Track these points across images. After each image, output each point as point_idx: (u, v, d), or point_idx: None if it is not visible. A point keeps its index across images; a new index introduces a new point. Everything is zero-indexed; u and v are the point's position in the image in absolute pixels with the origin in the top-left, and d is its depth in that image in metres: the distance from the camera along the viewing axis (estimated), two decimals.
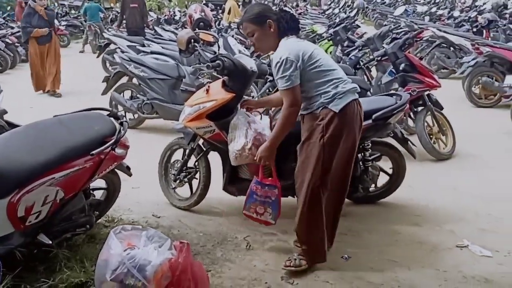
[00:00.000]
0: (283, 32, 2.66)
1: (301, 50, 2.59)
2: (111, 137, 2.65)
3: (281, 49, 2.60)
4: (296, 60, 2.55)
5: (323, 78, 2.63)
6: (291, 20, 2.67)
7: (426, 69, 4.85)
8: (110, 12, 19.70)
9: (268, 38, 2.68)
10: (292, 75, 2.54)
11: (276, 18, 2.65)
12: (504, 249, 3.05)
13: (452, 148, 4.81)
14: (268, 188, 2.89)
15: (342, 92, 2.62)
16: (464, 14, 12.12)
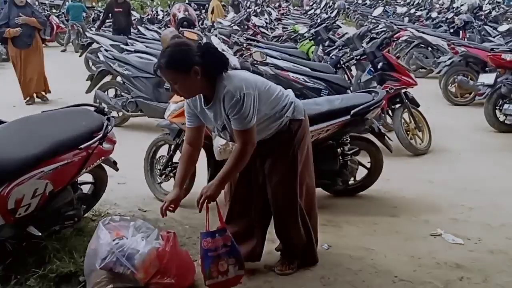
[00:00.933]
0: (213, 73, 2.32)
1: (250, 79, 2.40)
2: (99, 132, 2.74)
3: (234, 84, 2.30)
4: (253, 92, 2.33)
5: (273, 95, 2.49)
6: (220, 57, 2.34)
7: (403, 67, 5.05)
8: (92, 11, 19.56)
9: (194, 84, 2.30)
10: (252, 112, 2.31)
11: (202, 61, 2.26)
12: (475, 237, 3.22)
13: (428, 143, 5.01)
14: (218, 235, 2.46)
15: (292, 99, 2.60)
16: (442, 15, 12.42)
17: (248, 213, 2.75)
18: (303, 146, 2.62)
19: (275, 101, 2.50)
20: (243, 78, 2.40)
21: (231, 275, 2.45)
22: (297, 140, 2.57)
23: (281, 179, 2.59)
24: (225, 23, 11.27)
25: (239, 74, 2.46)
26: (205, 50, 2.30)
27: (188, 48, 2.28)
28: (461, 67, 7.13)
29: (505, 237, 3.23)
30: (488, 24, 10.59)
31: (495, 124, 5.73)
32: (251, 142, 2.36)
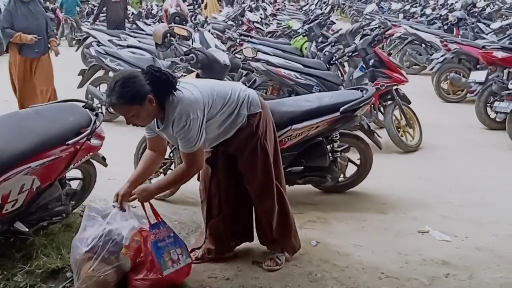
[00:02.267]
0: (163, 98, 2.28)
1: (199, 101, 2.33)
2: (87, 127, 2.73)
3: (180, 109, 2.27)
4: (200, 115, 2.31)
5: (224, 101, 2.46)
6: (163, 79, 2.26)
7: (394, 64, 5.06)
8: (86, 5, 19.43)
9: (150, 112, 2.29)
10: (198, 136, 2.31)
11: (152, 88, 2.23)
12: (462, 234, 3.24)
13: (419, 140, 5.03)
14: (162, 226, 2.53)
15: (245, 93, 2.57)
16: (436, 12, 12.45)
17: (229, 202, 2.75)
18: (269, 135, 2.62)
19: (228, 104, 2.48)
20: (192, 100, 2.31)
21: (182, 264, 2.50)
22: (261, 132, 2.57)
23: (258, 174, 2.61)
24: (220, 18, 11.26)
25: (187, 96, 2.31)
26: (151, 76, 2.25)
27: (137, 79, 2.22)
28: (453, 64, 7.16)
29: (492, 234, 3.25)
30: (481, 21, 10.63)
31: (486, 121, 5.76)
32: (196, 165, 2.41)
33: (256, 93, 2.66)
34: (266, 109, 2.66)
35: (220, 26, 9.40)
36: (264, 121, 2.60)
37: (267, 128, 2.61)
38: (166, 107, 2.30)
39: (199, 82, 2.65)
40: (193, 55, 3.26)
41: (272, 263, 2.78)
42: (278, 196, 2.70)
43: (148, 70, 2.27)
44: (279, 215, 2.73)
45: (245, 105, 2.54)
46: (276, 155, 2.71)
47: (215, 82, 2.66)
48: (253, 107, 2.57)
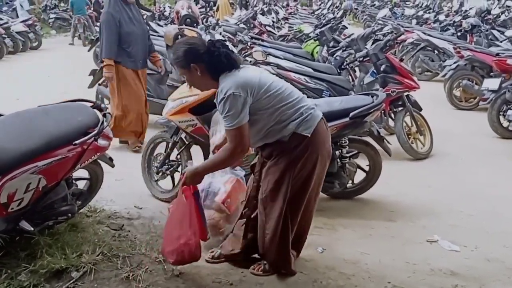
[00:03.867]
0: (215, 72, 2.38)
1: (247, 81, 2.35)
2: (94, 128, 2.73)
3: (225, 84, 2.33)
4: (244, 94, 2.31)
5: (280, 103, 2.41)
6: (223, 55, 2.36)
7: (405, 70, 5.00)
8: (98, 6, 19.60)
9: (198, 81, 2.44)
10: (239, 112, 2.30)
11: (203, 59, 2.36)
12: (472, 244, 3.18)
13: (430, 148, 4.96)
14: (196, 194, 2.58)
15: (307, 113, 2.46)
16: (450, 18, 12.33)
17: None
18: (303, 165, 2.45)
19: (282, 110, 2.41)
20: (238, 78, 2.36)
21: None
22: (295, 156, 2.44)
23: (268, 187, 2.52)
24: (232, 21, 11.26)
25: (239, 74, 2.38)
26: (206, 50, 2.37)
27: (188, 47, 2.39)
28: (466, 71, 7.06)
29: (502, 245, 3.19)
30: (496, 28, 10.48)
31: (498, 130, 5.67)
32: (240, 143, 2.34)
33: (320, 119, 2.50)
34: (315, 139, 2.46)
35: (232, 28, 9.39)
36: (306, 149, 2.44)
37: (305, 158, 2.45)
38: (219, 83, 2.37)
39: (268, 73, 2.58)
40: None
41: (258, 267, 2.73)
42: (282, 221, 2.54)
43: (208, 45, 2.40)
44: (273, 234, 2.58)
45: (298, 122, 2.43)
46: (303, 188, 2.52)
47: (288, 84, 2.55)
48: (302, 128, 2.43)
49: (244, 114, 2.32)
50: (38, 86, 7.93)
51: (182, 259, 2.56)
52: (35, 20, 13.03)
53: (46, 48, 12.85)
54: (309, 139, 2.44)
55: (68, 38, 14.66)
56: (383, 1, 23.73)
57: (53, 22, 16.59)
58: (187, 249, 2.49)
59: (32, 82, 8.29)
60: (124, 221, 3.31)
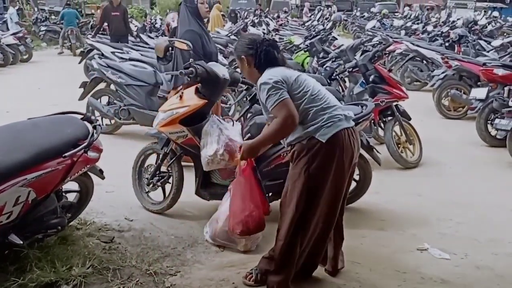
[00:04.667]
0: (262, 65, 2.60)
1: (286, 75, 2.51)
2: (84, 140, 2.72)
3: (264, 76, 2.53)
4: (282, 81, 2.47)
5: (308, 104, 2.49)
6: (264, 56, 2.59)
7: (394, 80, 5.07)
8: (91, 18, 19.65)
9: (248, 72, 2.70)
10: (280, 91, 2.43)
11: (252, 53, 2.61)
12: (461, 252, 3.21)
13: (419, 157, 5.01)
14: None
15: (331, 120, 2.48)
16: (437, 29, 12.51)
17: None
18: (319, 172, 2.47)
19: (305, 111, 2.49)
20: (278, 71, 2.55)
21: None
22: (308, 160, 2.47)
23: (289, 191, 2.57)
24: (223, 33, 11.33)
25: (279, 69, 2.58)
26: (257, 46, 2.62)
27: (243, 41, 2.73)
28: (454, 81, 7.16)
29: (491, 252, 3.22)
30: (482, 38, 10.67)
31: (486, 139, 5.75)
32: (289, 115, 2.41)
33: (342, 129, 2.49)
34: (333, 149, 2.47)
35: (223, 40, 9.45)
36: (323, 158, 2.46)
37: (316, 164, 2.47)
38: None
39: (306, 75, 2.68)
40: (193, 68, 3.26)
41: (249, 277, 2.73)
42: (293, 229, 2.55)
43: (260, 42, 2.64)
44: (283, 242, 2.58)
45: (318, 126, 2.47)
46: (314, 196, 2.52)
47: (325, 91, 2.64)
48: (320, 133, 2.46)
49: (284, 92, 2.45)
50: (29, 99, 7.88)
51: (247, 229, 2.81)
52: (25, 33, 13.01)
53: (36, 60, 12.81)
54: (323, 145, 2.45)
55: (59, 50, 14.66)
56: (372, 12, 24.04)
57: (44, 34, 16.58)
58: (251, 220, 2.71)
59: (23, 94, 8.25)
60: (115, 233, 3.30)
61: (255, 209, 2.78)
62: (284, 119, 2.41)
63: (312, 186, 2.50)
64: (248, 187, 2.77)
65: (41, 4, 23.75)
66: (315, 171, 2.47)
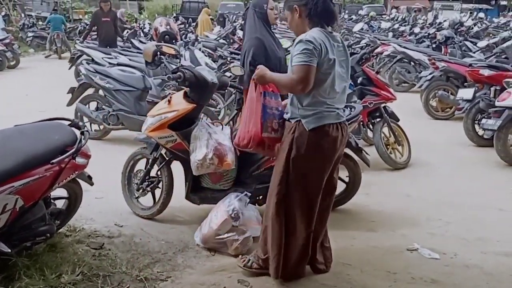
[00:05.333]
0: (312, 20, 2.57)
1: (327, 47, 2.49)
2: (72, 146, 2.70)
3: (310, 33, 2.50)
4: (320, 49, 2.45)
5: (319, 86, 2.51)
6: (321, 5, 2.55)
7: (382, 82, 5.11)
8: (78, 23, 19.55)
9: (296, 24, 2.63)
10: (313, 57, 2.43)
11: (304, 3, 2.57)
12: (451, 251, 3.24)
13: (408, 157, 5.05)
14: (275, 98, 2.74)
15: (322, 112, 2.54)
16: (424, 31, 12.63)
17: None
18: (299, 159, 2.57)
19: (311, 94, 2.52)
20: (325, 36, 2.51)
21: (279, 135, 2.71)
22: (293, 144, 2.57)
23: (274, 169, 2.72)
24: (211, 37, 11.34)
25: (321, 34, 2.52)
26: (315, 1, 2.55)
27: None
28: (441, 82, 7.24)
29: (480, 251, 3.25)
30: (469, 39, 10.80)
31: (474, 139, 5.81)
32: (303, 80, 2.43)
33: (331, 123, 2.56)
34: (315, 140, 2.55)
35: (212, 44, 9.45)
36: (305, 146, 2.54)
37: (302, 153, 2.56)
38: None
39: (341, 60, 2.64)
40: (180, 73, 3.26)
41: (243, 261, 2.91)
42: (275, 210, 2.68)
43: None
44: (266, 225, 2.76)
45: (308, 114, 2.54)
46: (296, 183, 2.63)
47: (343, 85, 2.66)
48: (306, 120, 2.54)
49: (315, 60, 2.44)
50: (16, 105, 7.81)
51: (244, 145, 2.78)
52: (12, 39, 12.92)
53: (24, 66, 12.71)
54: (308, 133, 2.53)
55: None
56: (360, 15, 24.20)
57: (31, 40, 16.50)
58: (248, 136, 2.72)
59: (10, 101, 8.17)
60: (105, 240, 3.28)
61: (254, 127, 2.74)
62: (299, 80, 2.45)
63: (292, 171, 2.60)
64: (254, 108, 2.73)
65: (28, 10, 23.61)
66: (296, 157, 2.57)
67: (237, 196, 3.23)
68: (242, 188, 3.34)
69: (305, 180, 2.62)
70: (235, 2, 29.76)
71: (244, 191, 3.26)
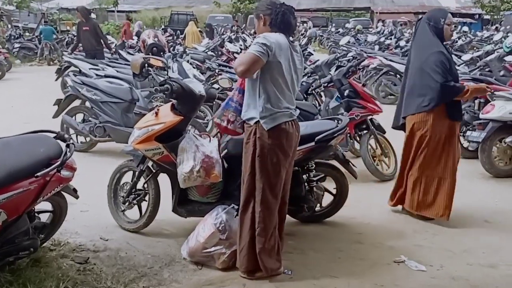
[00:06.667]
0: (274, 29, 2.87)
1: (282, 49, 2.80)
2: (57, 159, 2.68)
3: (270, 34, 2.83)
4: (274, 49, 2.74)
5: (273, 86, 2.81)
6: (281, 16, 2.86)
7: (368, 95, 5.16)
8: (66, 35, 19.49)
9: (261, 30, 2.91)
10: (265, 52, 2.71)
11: (269, 13, 2.88)
12: (437, 263, 3.25)
13: (394, 169, 5.07)
14: (241, 93, 3.02)
15: (277, 113, 2.83)
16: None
17: None
18: (264, 157, 2.84)
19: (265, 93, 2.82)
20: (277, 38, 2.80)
21: (232, 128, 3.05)
22: (256, 145, 2.85)
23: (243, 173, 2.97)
24: (200, 49, 11.37)
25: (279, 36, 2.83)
26: (274, 7, 2.88)
27: (264, 1, 2.94)
28: None
29: (466, 263, 3.27)
30: (453, 52, 10.95)
31: None
32: (243, 64, 2.72)
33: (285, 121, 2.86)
34: (275, 137, 2.84)
35: (200, 56, 9.48)
36: (267, 145, 2.83)
37: (266, 152, 2.84)
38: None
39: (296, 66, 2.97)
40: (168, 85, 3.26)
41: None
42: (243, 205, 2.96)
43: (278, 4, 2.89)
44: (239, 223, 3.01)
45: (265, 114, 2.82)
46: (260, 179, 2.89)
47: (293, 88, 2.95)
48: (265, 121, 2.82)
49: (265, 53, 2.71)
50: (0, 117, 7.72)
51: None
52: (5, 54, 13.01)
53: (10, 78, 12.59)
54: (268, 132, 2.82)
55: (33, 67, 14.62)
56: (347, 28, 24.53)
57: (18, 51, 16.44)
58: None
59: None
60: (90, 254, 3.24)
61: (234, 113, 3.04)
62: (242, 64, 2.73)
63: (258, 170, 2.86)
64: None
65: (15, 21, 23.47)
66: (261, 156, 2.84)
67: (224, 208, 3.21)
68: (229, 200, 3.33)
69: (269, 175, 2.88)
70: (224, 15, 30.01)
71: (231, 204, 3.25)
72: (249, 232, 2.93)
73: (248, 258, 2.94)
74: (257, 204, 2.90)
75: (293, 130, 2.92)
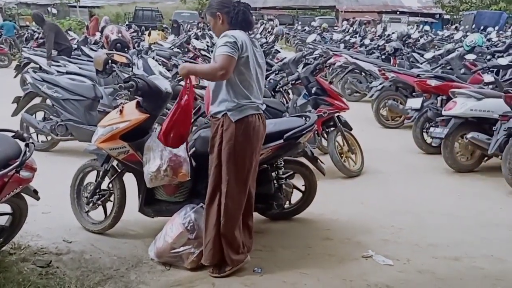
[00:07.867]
0: (233, 25, 2.86)
1: (247, 46, 2.80)
2: (16, 159, 2.57)
3: (233, 31, 2.81)
4: (241, 46, 2.75)
5: (241, 81, 2.83)
6: (241, 15, 2.86)
7: (335, 92, 5.21)
8: (25, 30, 18.83)
9: (219, 29, 2.89)
10: (235, 50, 2.72)
11: (226, 11, 2.87)
12: (404, 257, 3.31)
13: (361, 166, 5.15)
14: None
15: (243, 105, 2.84)
16: (374, 42, 13.05)
17: None
18: (230, 149, 2.85)
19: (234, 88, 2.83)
20: (240, 35, 2.79)
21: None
22: (223, 137, 2.86)
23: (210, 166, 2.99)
24: (166, 45, 11.18)
25: (241, 33, 2.83)
26: (231, 5, 2.88)
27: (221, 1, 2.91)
28: (391, 92, 7.48)
29: (432, 256, 3.34)
30: (416, 51, 11.24)
31: (422, 146, 6.02)
32: (223, 68, 2.69)
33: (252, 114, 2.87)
34: (242, 129, 2.84)
35: (166, 53, 9.31)
36: (234, 136, 2.83)
37: (233, 143, 2.84)
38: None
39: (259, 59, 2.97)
40: (133, 82, 3.17)
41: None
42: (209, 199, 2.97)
43: (236, 1, 2.89)
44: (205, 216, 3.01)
45: (233, 106, 2.82)
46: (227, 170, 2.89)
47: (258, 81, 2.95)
48: (232, 113, 2.83)
49: (236, 52, 2.72)
50: None
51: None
52: None
53: None
54: (235, 124, 2.83)
55: None
56: (313, 26, 24.75)
57: None
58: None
59: None
60: (52, 257, 3.13)
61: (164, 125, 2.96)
62: (220, 68, 2.70)
63: (226, 161, 2.86)
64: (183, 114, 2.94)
65: None
66: (228, 148, 2.85)
67: (193, 208, 3.16)
68: (198, 199, 3.28)
69: (235, 167, 2.88)
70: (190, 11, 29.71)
71: (200, 203, 3.20)
72: (215, 227, 2.92)
73: (213, 253, 2.92)
74: (223, 196, 2.90)
75: (259, 123, 2.93)
